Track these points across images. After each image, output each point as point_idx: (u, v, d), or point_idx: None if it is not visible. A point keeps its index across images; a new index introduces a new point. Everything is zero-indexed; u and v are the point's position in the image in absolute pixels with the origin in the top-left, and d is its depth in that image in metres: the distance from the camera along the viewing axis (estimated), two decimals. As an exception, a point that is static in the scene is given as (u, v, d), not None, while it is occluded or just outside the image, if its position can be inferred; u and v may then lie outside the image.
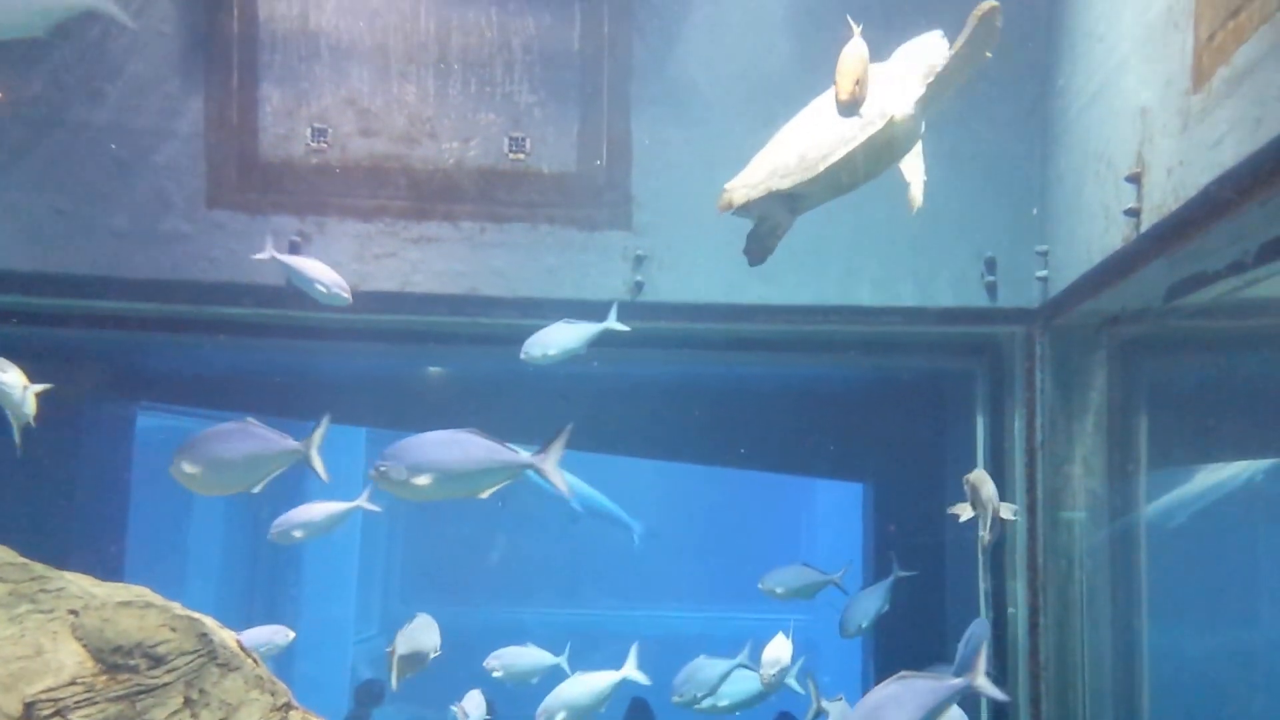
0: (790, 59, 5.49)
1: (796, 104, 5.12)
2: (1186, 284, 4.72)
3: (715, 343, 6.21)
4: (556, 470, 4.41)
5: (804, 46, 4.30)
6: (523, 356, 5.22)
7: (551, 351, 5.20)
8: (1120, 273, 4.83)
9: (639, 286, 5.77)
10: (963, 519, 4.66)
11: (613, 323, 5.36)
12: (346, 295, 5.13)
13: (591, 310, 5.77)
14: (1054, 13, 5.35)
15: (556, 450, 4.44)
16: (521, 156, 5.78)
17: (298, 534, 5.52)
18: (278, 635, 5.90)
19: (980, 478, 4.50)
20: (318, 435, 4.60)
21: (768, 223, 3.80)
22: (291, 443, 4.60)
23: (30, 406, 4.50)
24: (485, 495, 4.42)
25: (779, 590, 6.43)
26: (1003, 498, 6.05)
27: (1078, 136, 5.27)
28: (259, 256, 5.23)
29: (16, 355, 6.06)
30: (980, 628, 5.55)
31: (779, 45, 5.65)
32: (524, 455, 4.47)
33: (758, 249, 3.88)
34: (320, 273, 5.12)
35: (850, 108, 3.82)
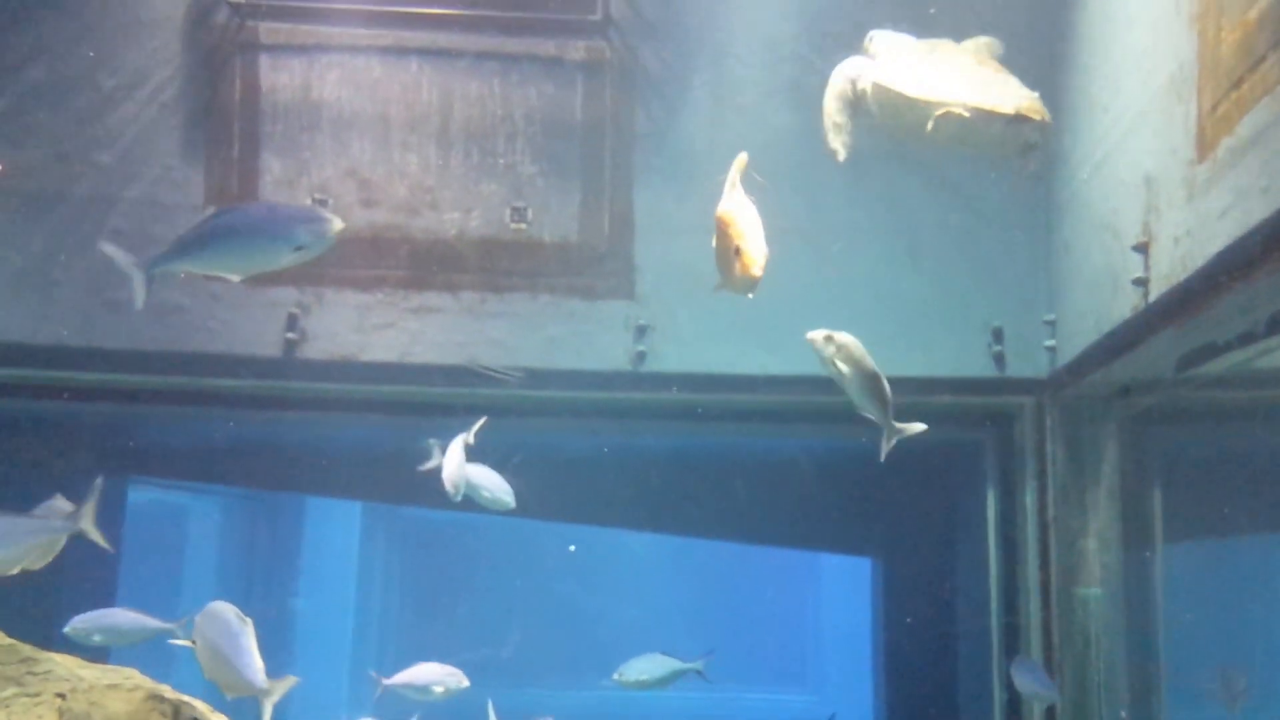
0: (791, 129, 5.50)
1: (798, 173, 5.10)
2: (1197, 354, 4.66)
3: (718, 413, 6.13)
4: (94, 527, 4.41)
5: (805, 116, 4.32)
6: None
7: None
8: (1129, 343, 4.77)
9: (641, 357, 5.71)
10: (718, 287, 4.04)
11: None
12: (511, 501, 5.41)
13: (594, 381, 5.70)
14: (1058, 80, 5.37)
15: (90, 507, 4.43)
16: (523, 226, 5.76)
17: (97, 638, 5.41)
18: (450, 677, 5.67)
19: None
20: None
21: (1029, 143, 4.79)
22: None
23: None
24: (37, 567, 4.36)
25: (643, 678, 6.19)
26: (1015, 573, 5.94)
27: (1084, 205, 5.25)
28: (425, 468, 5.16)
29: (9, 428, 5.97)
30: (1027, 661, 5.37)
31: (780, 115, 5.67)
32: (58, 520, 4.43)
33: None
34: (486, 480, 5.36)
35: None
